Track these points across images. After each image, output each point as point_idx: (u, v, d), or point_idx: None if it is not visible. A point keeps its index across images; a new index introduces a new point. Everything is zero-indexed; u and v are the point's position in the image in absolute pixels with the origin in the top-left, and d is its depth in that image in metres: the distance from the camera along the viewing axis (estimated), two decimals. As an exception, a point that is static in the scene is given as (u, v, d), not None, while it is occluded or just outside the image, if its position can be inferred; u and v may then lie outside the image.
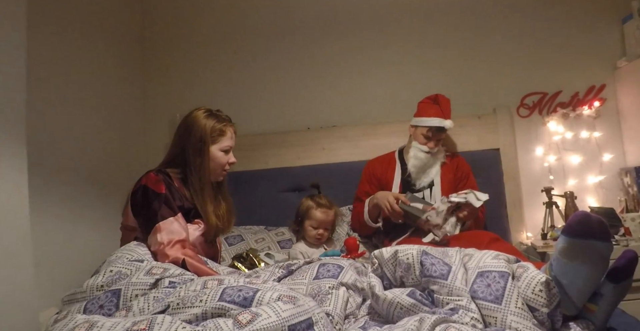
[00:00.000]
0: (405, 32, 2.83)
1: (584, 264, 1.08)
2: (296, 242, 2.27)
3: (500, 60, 2.75)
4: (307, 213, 2.16)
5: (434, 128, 2.26)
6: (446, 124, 2.26)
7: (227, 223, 1.86)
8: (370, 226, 2.25)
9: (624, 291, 1.12)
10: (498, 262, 1.22)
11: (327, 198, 2.23)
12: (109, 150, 2.52)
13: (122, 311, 1.24)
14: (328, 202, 2.20)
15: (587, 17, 2.69)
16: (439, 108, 2.29)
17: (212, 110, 1.81)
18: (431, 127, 2.26)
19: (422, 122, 2.30)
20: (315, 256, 1.81)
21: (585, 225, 1.09)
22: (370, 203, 2.24)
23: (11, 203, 1.51)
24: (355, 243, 1.98)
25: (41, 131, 1.99)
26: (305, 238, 2.20)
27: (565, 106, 2.67)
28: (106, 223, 2.34)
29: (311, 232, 2.16)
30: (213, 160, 1.77)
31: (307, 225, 2.16)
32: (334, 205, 2.24)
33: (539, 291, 1.10)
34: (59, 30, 2.20)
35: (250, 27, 2.93)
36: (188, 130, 1.76)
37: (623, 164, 2.61)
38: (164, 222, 1.60)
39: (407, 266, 1.28)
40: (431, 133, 2.27)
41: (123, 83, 2.77)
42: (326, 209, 2.17)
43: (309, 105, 2.87)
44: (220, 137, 1.78)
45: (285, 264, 1.52)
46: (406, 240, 2.11)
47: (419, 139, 2.30)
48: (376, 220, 2.24)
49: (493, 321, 1.11)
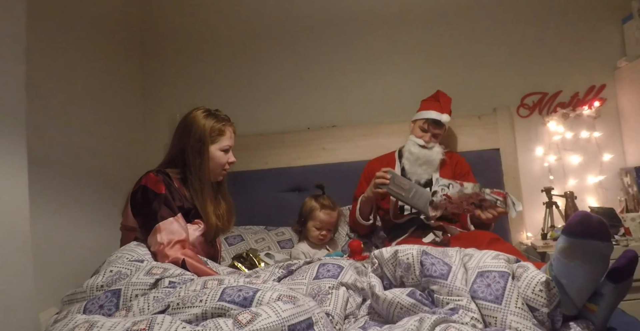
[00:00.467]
0: (406, 32, 2.83)
1: (584, 264, 1.08)
2: (298, 242, 2.28)
3: (500, 60, 2.75)
4: (311, 214, 2.17)
5: (430, 120, 2.28)
6: (443, 118, 2.27)
7: (227, 223, 1.86)
8: (361, 224, 2.25)
9: (624, 291, 1.12)
10: (498, 262, 1.22)
11: (330, 199, 2.24)
12: (109, 150, 2.52)
13: (122, 311, 1.24)
14: (332, 203, 2.21)
15: (587, 17, 2.69)
16: (439, 104, 2.32)
17: (211, 110, 1.81)
18: (428, 119, 2.28)
19: (420, 115, 2.34)
20: (316, 257, 1.81)
21: (585, 225, 1.09)
22: (361, 200, 2.23)
23: (11, 203, 1.51)
24: (360, 246, 1.98)
25: (41, 131, 1.99)
26: (307, 238, 2.20)
27: (565, 106, 2.67)
28: (106, 223, 2.34)
29: (314, 233, 2.16)
30: (213, 160, 1.77)
31: (311, 225, 2.16)
32: (337, 206, 2.24)
33: (539, 291, 1.10)
34: (59, 31, 2.20)
35: (250, 27, 2.93)
36: (187, 130, 1.76)
37: (623, 164, 2.61)
38: (163, 222, 1.60)
39: (407, 266, 1.28)
40: (427, 126, 2.28)
41: (123, 84, 2.77)
42: (330, 210, 2.17)
43: (309, 105, 2.87)
44: (220, 136, 1.78)
45: (285, 264, 1.52)
46: (406, 240, 2.11)
47: (416, 132, 2.32)
48: (367, 218, 2.23)
49: (493, 321, 1.11)
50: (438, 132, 2.30)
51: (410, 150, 2.28)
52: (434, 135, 2.29)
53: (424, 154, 2.25)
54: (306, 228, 2.18)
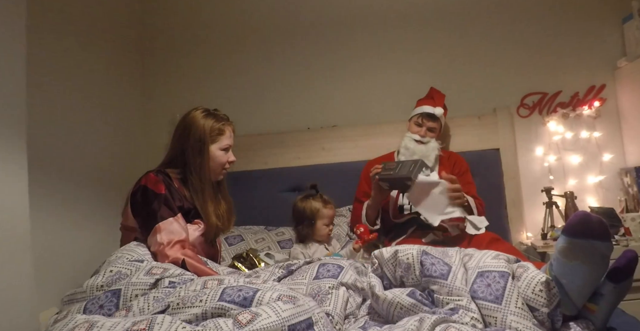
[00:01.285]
0: (406, 33, 2.83)
1: (584, 264, 1.08)
2: (296, 243, 2.28)
3: (501, 60, 2.75)
4: (318, 213, 2.20)
5: (424, 114, 2.32)
6: (436, 111, 2.30)
7: (227, 223, 1.86)
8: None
9: (624, 291, 1.12)
10: (498, 262, 1.22)
11: (323, 195, 2.27)
12: (109, 150, 2.52)
13: (122, 311, 1.24)
14: (327, 198, 2.26)
15: (587, 17, 2.69)
16: (432, 101, 2.37)
17: (210, 110, 1.81)
18: (422, 114, 2.32)
19: (415, 111, 2.39)
20: (315, 257, 1.82)
21: (585, 225, 1.09)
22: (367, 206, 2.23)
23: (11, 203, 1.51)
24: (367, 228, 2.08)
25: (41, 131, 1.99)
26: (313, 237, 2.21)
27: (565, 106, 2.67)
28: (106, 223, 2.34)
29: (324, 230, 2.21)
30: (213, 160, 1.77)
31: (320, 224, 2.20)
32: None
33: (539, 291, 1.10)
34: (59, 31, 2.20)
35: (250, 27, 2.93)
36: (187, 130, 1.76)
37: (623, 164, 2.61)
38: (163, 222, 1.60)
39: (407, 266, 1.28)
40: (421, 120, 2.32)
41: (123, 84, 2.77)
42: (331, 205, 2.24)
43: (309, 105, 2.87)
44: (220, 136, 1.78)
45: (285, 264, 1.52)
46: (406, 240, 2.11)
47: (412, 128, 2.35)
48: (374, 223, 2.24)
49: (493, 321, 1.11)
50: (433, 126, 2.32)
51: (406, 146, 2.30)
52: (429, 129, 2.31)
53: (420, 149, 2.26)
54: (315, 228, 2.20)
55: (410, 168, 1.94)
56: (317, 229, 2.19)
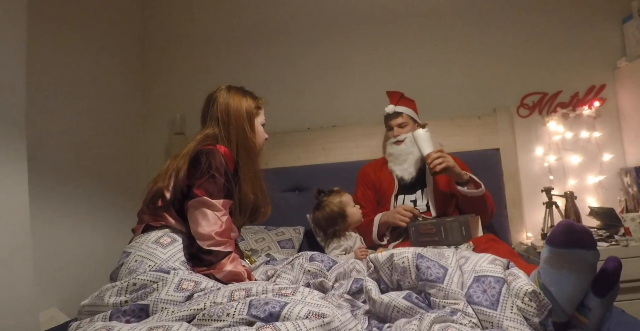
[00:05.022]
0: (406, 33, 2.83)
1: (571, 272, 1.07)
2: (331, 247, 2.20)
3: (501, 60, 2.75)
4: (342, 204, 2.21)
5: (386, 116, 2.38)
6: (389, 109, 2.35)
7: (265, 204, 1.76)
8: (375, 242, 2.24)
9: (612, 301, 1.10)
10: (494, 267, 1.21)
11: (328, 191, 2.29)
12: (109, 150, 2.52)
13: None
14: (334, 189, 2.29)
15: (587, 17, 2.69)
16: (389, 102, 2.40)
17: (239, 87, 1.79)
18: (385, 118, 2.38)
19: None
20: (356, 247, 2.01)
21: (569, 235, 1.08)
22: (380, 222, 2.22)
23: (11, 203, 1.51)
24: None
25: (41, 131, 1.99)
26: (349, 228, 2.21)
27: (565, 106, 2.67)
28: (106, 222, 2.34)
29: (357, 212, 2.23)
30: (258, 135, 1.75)
31: (351, 211, 2.21)
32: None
33: (528, 301, 1.09)
34: (59, 30, 2.20)
35: (250, 27, 2.93)
36: (230, 107, 1.69)
37: (623, 164, 2.61)
38: (227, 206, 1.53)
39: (403, 270, 1.28)
40: (386, 123, 2.38)
41: (123, 84, 2.77)
42: (342, 191, 2.27)
43: (309, 105, 2.87)
44: (259, 110, 1.78)
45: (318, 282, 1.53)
46: (403, 244, 2.11)
47: (387, 136, 2.40)
48: (382, 238, 2.24)
49: (489, 326, 1.11)
50: (399, 121, 2.33)
51: (389, 152, 2.35)
52: (398, 126, 2.33)
53: (400, 150, 2.29)
54: (348, 217, 2.20)
55: (461, 231, 1.94)
56: (351, 216, 2.20)
